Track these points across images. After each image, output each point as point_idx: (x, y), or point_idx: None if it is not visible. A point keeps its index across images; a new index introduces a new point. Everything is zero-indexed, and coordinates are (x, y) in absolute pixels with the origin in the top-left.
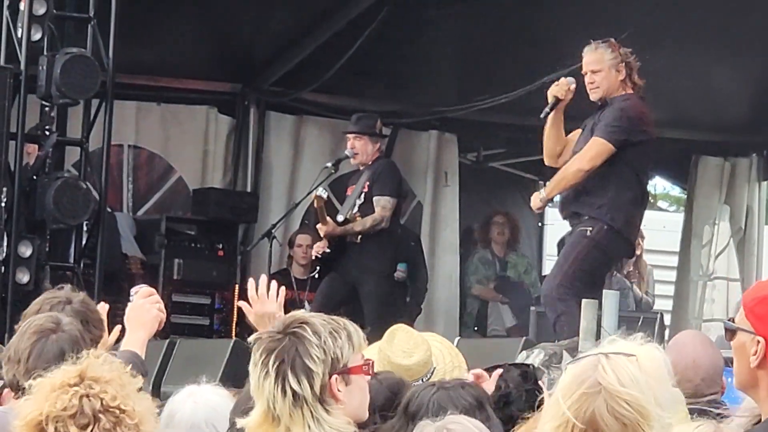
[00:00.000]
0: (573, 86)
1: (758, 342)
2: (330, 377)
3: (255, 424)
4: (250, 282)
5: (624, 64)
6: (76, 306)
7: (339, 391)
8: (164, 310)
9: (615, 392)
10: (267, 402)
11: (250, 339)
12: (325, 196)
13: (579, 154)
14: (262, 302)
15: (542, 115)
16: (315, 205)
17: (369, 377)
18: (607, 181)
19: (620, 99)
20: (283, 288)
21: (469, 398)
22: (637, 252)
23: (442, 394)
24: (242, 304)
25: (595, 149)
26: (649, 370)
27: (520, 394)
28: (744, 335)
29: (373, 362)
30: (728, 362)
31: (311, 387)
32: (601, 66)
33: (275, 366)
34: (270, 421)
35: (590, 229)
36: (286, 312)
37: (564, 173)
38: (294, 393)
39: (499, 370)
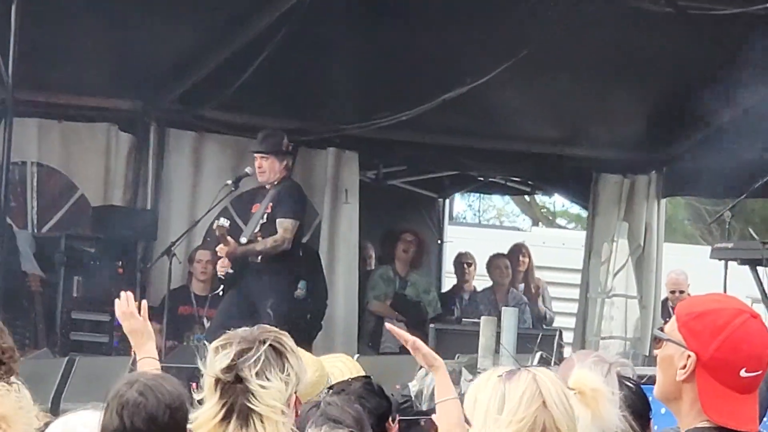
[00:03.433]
0: None
1: (688, 356)
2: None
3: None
4: (116, 302)
5: None
6: None
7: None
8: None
9: (559, 405)
10: (234, 405)
11: (216, 342)
12: (227, 224)
13: None
14: (127, 318)
15: None
16: (217, 233)
17: None
18: None
19: None
20: (144, 302)
21: (350, 415)
22: (521, 268)
23: (323, 410)
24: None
25: None
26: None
27: (363, 405)
28: (672, 347)
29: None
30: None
31: (287, 390)
32: None
33: (254, 362)
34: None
35: None
36: (183, 328)
37: None
38: (274, 389)
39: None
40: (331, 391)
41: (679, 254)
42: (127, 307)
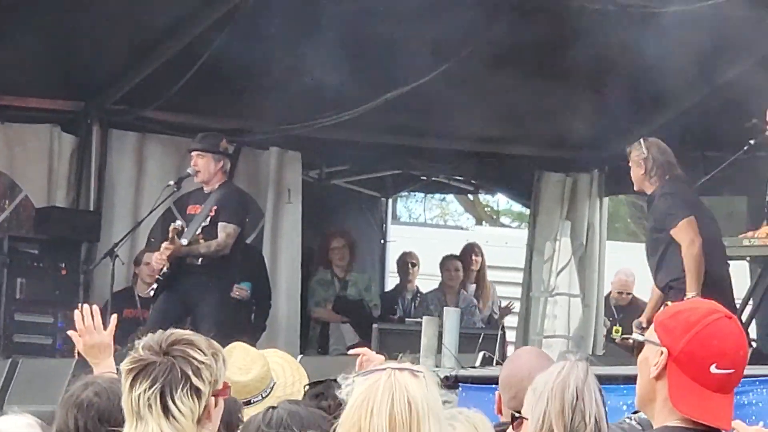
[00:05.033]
0: None
1: (661, 353)
2: (210, 398)
3: None
4: (77, 314)
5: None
6: None
7: (211, 412)
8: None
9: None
10: (148, 424)
11: (124, 364)
12: (180, 226)
13: (683, 245)
14: (90, 333)
15: None
16: (169, 234)
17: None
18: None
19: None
20: (114, 316)
21: (319, 419)
22: (473, 267)
23: (300, 410)
24: (72, 333)
25: (690, 230)
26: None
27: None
28: (649, 349)
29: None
30: None
31: (199, 408)
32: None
33: (160, 387)
34: None
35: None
36: (127, 330)
37: (692, 265)
38: (182, 414)
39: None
40: (308, 390)
41: (621, 252)
42: (92, 323)
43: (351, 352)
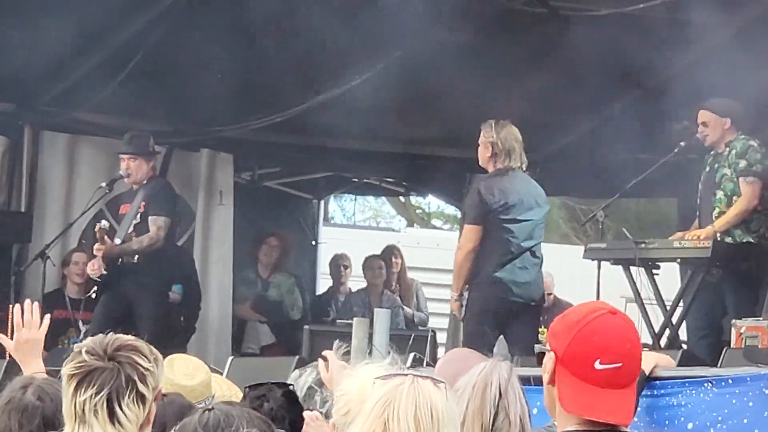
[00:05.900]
0: None
1: (552, 358)
2: (152, 403)
3: None
4: (17, 308)
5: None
6: None
7: (150, 417)
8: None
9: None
10: (93, 429)
11: (66, 368)
12: (106, 226)
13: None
14: (29, 327)
15: None
16: (97, 235)
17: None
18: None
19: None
20: (48, 316)
21: (257, 420)
22: (394, 270)
23: (236, 410)
24: (2, 337)
25: (467, 234)
26: None
27: (283, 415)
28: (546, 356)
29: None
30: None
31: (143, 413)
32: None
33: (107, 393)
34: None
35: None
36: (57, 331)
37: (454, 267)
38: (129, 420)
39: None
40: (249, 392)
41: (553, 254)
42: (31, 318)
43: (324, 353)
